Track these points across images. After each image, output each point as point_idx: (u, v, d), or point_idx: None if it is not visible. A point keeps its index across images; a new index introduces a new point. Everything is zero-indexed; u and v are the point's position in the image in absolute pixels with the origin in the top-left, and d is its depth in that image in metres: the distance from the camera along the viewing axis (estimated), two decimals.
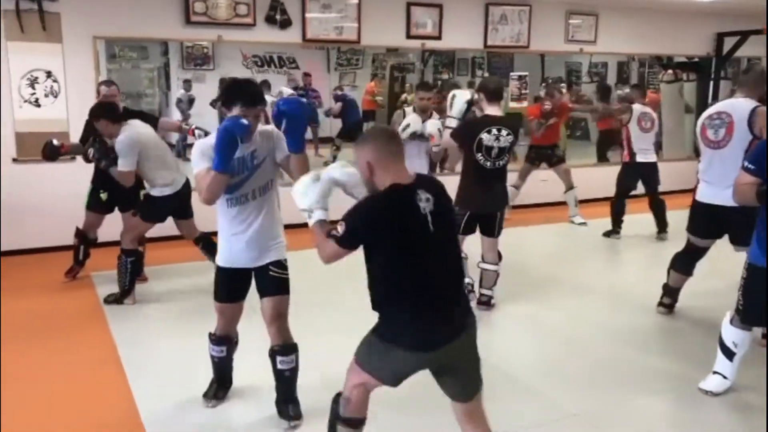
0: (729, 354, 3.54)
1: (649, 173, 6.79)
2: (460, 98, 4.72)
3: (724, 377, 3.56)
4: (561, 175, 7.57)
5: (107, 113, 4.64)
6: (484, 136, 4.44)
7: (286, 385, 3.26)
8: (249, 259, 3.13)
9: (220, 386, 3.49)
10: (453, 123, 4.68)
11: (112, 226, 5.27)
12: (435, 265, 2.39)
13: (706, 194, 4.35)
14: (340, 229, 2.39)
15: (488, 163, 4.51)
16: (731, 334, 3.52)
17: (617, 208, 6.97)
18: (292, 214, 3.03)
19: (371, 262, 2.44)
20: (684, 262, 4.65)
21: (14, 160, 5.93)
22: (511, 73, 8.71)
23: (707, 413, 3.44)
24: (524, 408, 3.48)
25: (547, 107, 7.36)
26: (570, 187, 7.58)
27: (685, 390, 3.64)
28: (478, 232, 4.80)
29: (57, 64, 5.98)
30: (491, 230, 4.73)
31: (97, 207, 5.22)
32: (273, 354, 3.20)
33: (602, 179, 7.84)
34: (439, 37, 7.70)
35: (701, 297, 4.90)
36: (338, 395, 2.64)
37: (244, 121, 2.87)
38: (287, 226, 3.28)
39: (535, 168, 7.65)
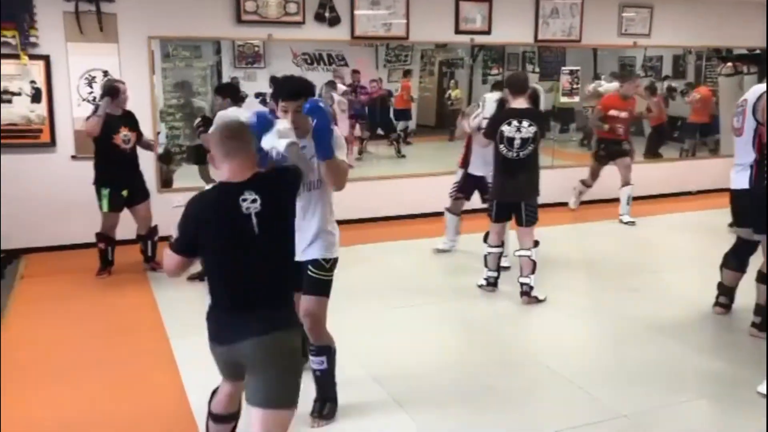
0: None
1: None
2: (489, 100, 5.23)
3: None
4: (621, 170, 7.36)
5: (232, 93, 5.38)
6: (505, 128, 4.69)
7: (318, 384, 3.27)
8: (296, 251, 3.09)
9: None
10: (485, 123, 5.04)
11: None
12: (250, 265, 2.39)
13: (732, 180, 4.40)
14: (174, 234, 2.42)
15: (511, 153, 4.72)
16: None
17: None
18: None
19: (203, 258, 2.49)
20: (735, 259, 4.56)
21: (73, 157, 6.13)
22: (563, 68, 8.57)
23: (764, 419, 3.33)
24: (573, 408, 3.44)
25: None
26: (626, 183, 7.37)
27: (739, 393, 3.54)
28: None
29: (113, 63, 6.17)
30: (519, 219, 4.87)
31: (117, 206, 5.44)
32: (308, 353, 3.22)
33: (653, 176, 7.66)
34: (488, 32, 7.63)
35: None
36: (214, 391, 2.75)
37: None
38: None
39: (605, 165, 7.46)
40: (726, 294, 4.68)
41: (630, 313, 4.75)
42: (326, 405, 3.28)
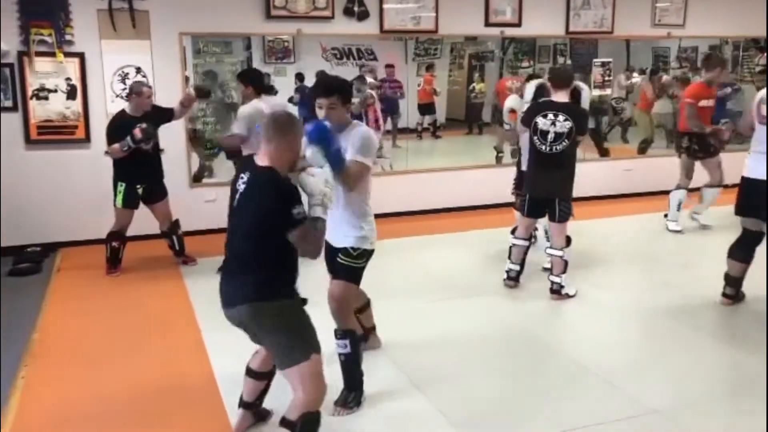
0: None
1: None
2: (530, 85, 5.13)
3: None
4: (711, 170, 6.53)
5: (257, 81, 5.32)
6: (540, 119, 4.62)
7: (344, 370, 3.34)
8: (332, 238, 3.30)
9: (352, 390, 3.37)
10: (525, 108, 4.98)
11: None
12: (230, 235, 2.78)
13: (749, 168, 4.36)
14: None
15: (544, 147, 4.64)
16: None
17: None
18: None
19: None
20: (741, 250, 4.52)
21: (106, 152, 6.23)
22: (594, 60, 8.46)
23: None
24: (602, 403, 3.40)
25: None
26: (718, 183, 6.51)
27: None
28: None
29: (146, 59, 6.26)
30: (552, 215, 4.77)
31: (131, 203, 5.45)
32: (334, 335, 3.33)
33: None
34: (518, 24, 7.56)
35: None
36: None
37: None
38: None
39: (697, 160, 6.59)
40: (733, 285, 4.61)
41: (662, 308, 4.68)
42: (351, 394, 3.34)
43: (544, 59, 11.62)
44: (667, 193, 6.88)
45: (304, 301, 2.78)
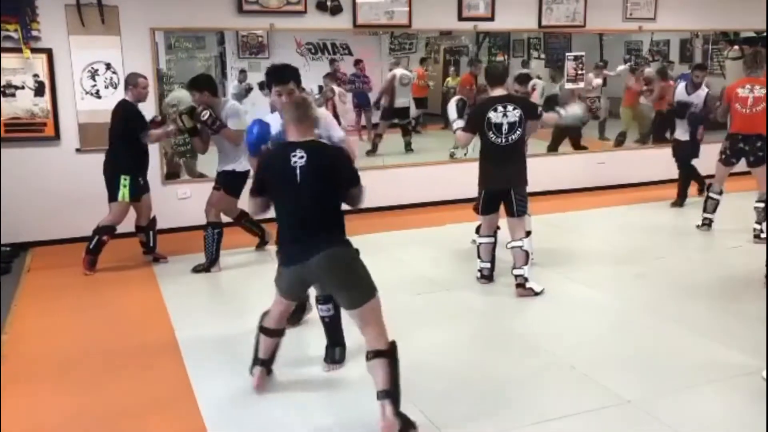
0: None
1: None
2: (451, 106, 5.03)
3: None
4: (761, 179, 6.11)
5: (212, 87, 5.25)
6: (491, 114, 4.68)
7: (327, 330, 3.73)
8: None
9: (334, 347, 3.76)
10: (457, 124, 4.95)
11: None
12: (297, 205, 3.06)
13: None
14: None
15: (500, 140, 4.70)
16: None
17: None
18: None
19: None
20: None
21: (77, 150, 6.15)
22: (567, 54, 8.51)
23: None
24: (578, 394, 3.43)
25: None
26: None
27: (746, 380, 3.51)
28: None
29: (116, 56, 6.16)
30: (511, 208, 4.81)
31: (136, 195, 5.45)
32: (316, 302, 3.71)
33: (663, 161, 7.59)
34: (492, 19, 7.58)
35: None
36: (265, 312, 3.42)
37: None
38: None
39: (731, 167, 6.28)
40: None
41: (635, 300, 4.74)
42: (336, 350, 3.72)
43: (519, 53, 11.68)
44: (639, 185, 6.92)
45: (358, 250, 3.17)
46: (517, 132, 4.69)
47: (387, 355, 2.98)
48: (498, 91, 4.80)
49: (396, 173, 7.55)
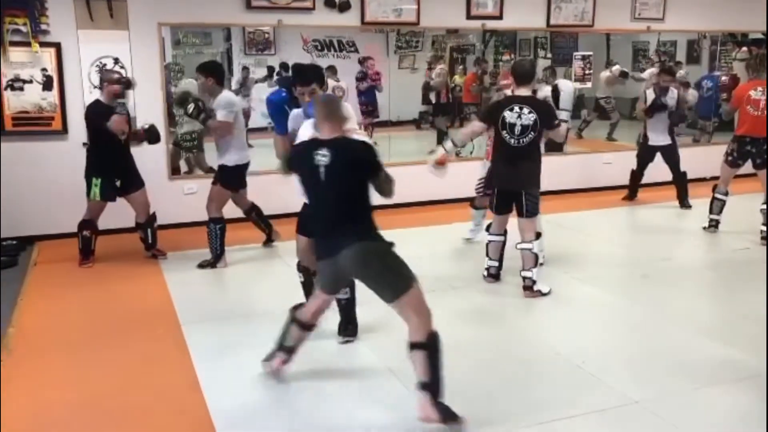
0: None
1: None
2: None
3: None
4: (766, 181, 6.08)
5: (219, 74, 5.25)
6: (507, 113, 4.65)
7: (342, 310, 3.98)
8: None
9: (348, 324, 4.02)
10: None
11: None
12: (323, 202, 3.17)
13: None
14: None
15: (512, 140, 4.66)
16: None
17: None
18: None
19: None
20: None
21: (85, 144, 6.14)
22: (575, 53, 8.49)
23: None
24: (584, 394, 3.42)
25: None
26: None
27: (751, 381, 3.51)
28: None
29: (124, 50, 6.17)
30: (521, 209, 4.78)
31: (108, 195, 5.38)
32: None
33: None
34: (500, 17, 7.57)
35: None
36: (298, 305, 3.54)
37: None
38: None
39: (737, 169, 6.29)
40: None
41: (641, 300, 4.73)
42: (349, 326, 4.00)
43: (525, 52, 11.65)
44: (645, 186, 6.90)
45: (392, 243, 3.18)
46: (530, 135, 4.64)
47: (424, 347, 2.98)
48: (522, 91, 4.73)
49: (405, 171, 7.52)
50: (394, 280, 3.05)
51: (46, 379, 3.64)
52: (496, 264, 5.03)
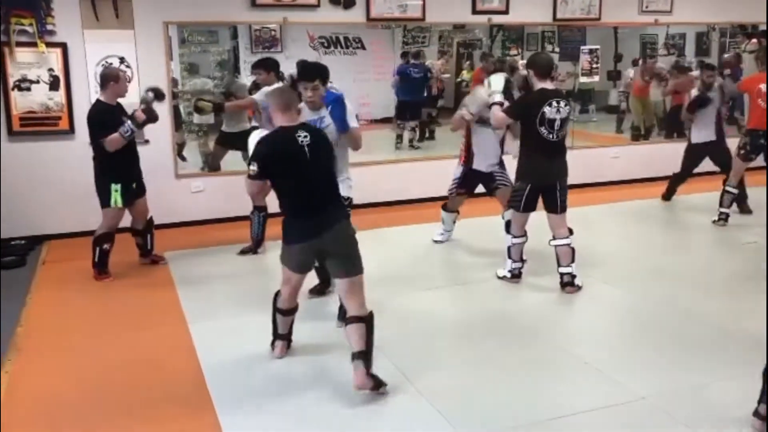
0: None
1: None
2: (497, 78, 4.86)
3: None
4: None
5: (278, 69, 5.47)
6: (547, 109, 4.51)
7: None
8: None
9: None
10: (497, 98, 4.74)
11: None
12: (310, 180, 3.30)
13: None
14: (253, 168, 3.29)
15: (551, 136, 4.57)
16: None
17: None
18: None
19: (275, 185, 3.37)
20: None
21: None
22: (582, 47, 8.44)
23: None
24: (592, 390, 3.41)
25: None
26: None
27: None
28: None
29: (130, 49, 6.19)
30: (554, 204, 4.70)
31: (128, 201, 5.11)
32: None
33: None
34: (506, 12, 7.53)
35: None
36: (277, 293, 3.63)
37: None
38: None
39: (749, 163, 6.25)
40: None
41: (650, 295, 4.70)
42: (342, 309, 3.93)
43: (533, 47, 11.57)
44: (655, 180, 6.82)
45: None
46: (565, 128, 4.65)
47: (364, 320, 3.32)
48: (547, 84, 4.60)
49: (409, 167, 7.53)
50: (359, 260, 3.39)
51: (55, 377, 3.66)
52: (520, 265, 4.94)
